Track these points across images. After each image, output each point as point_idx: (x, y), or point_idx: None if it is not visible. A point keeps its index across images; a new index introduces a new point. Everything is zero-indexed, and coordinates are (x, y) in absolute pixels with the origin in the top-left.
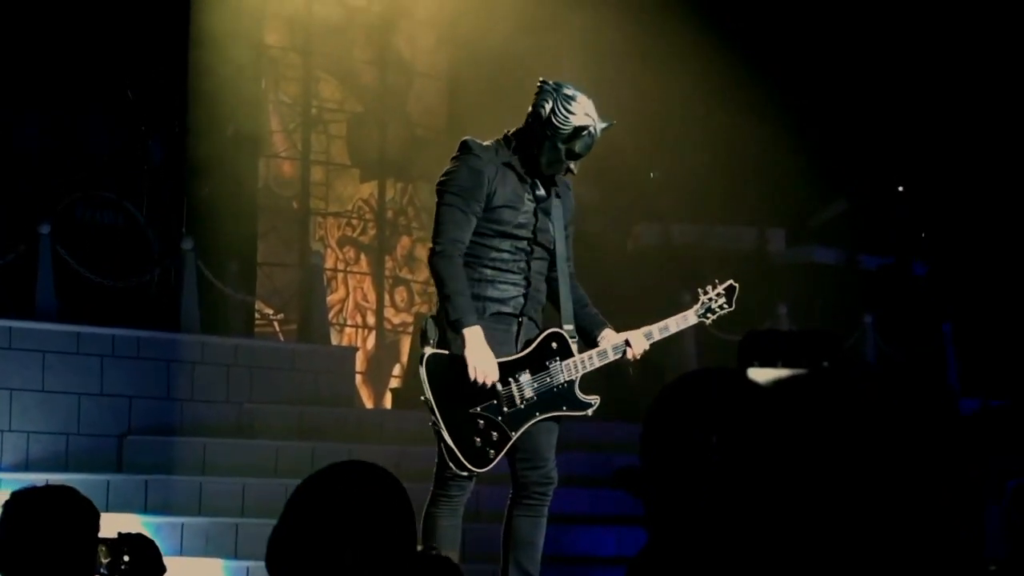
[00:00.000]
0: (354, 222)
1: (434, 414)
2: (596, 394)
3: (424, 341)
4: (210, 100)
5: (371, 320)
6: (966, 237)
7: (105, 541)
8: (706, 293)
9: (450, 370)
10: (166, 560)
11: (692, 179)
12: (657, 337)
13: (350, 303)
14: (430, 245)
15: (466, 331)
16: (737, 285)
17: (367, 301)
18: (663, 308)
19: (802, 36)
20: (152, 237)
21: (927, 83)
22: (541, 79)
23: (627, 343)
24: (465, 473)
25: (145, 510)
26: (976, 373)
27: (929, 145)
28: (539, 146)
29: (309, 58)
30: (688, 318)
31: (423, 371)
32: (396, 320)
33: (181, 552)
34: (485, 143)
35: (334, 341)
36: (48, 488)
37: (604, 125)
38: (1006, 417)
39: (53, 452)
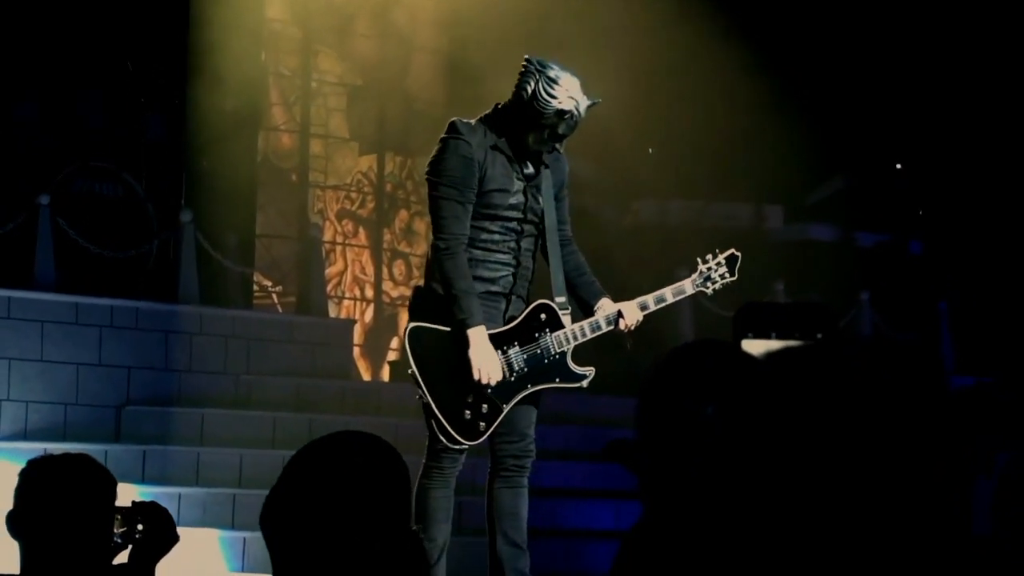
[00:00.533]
0: (353, 195)
1: (420, 387)
2: (590, 366)
3: (413, 312)
4: (210, 73)
5: (369, 293)
6: (963, 215)
7: (120, 510)
8: (706, 263)
9: (436, 343)
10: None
11: (690, 156)
12: (653, 307)
13: (348, 276)
14: (433, 241)
15: (471, 332)
16: (739, 254)
17: (365, 274)
18: (660, 285)
19: (800, 12)
20: (151, 209)
21: (925, 60)
22: (526, 57)
23: (620, 314)
24: (456, 446)
25: (143, 480)
26: (971, 351)
27: (927, 123)
28: (522, 126)
29: (309, 31)
30: (685, 288)
31: (407, 344)
32: (394, 293)
33: (178, 522)
34: (472, 122)
35: (332, 314)
36: (65, 456)
37: (589, 104)
38: (996, 393)
39: (51, 422)
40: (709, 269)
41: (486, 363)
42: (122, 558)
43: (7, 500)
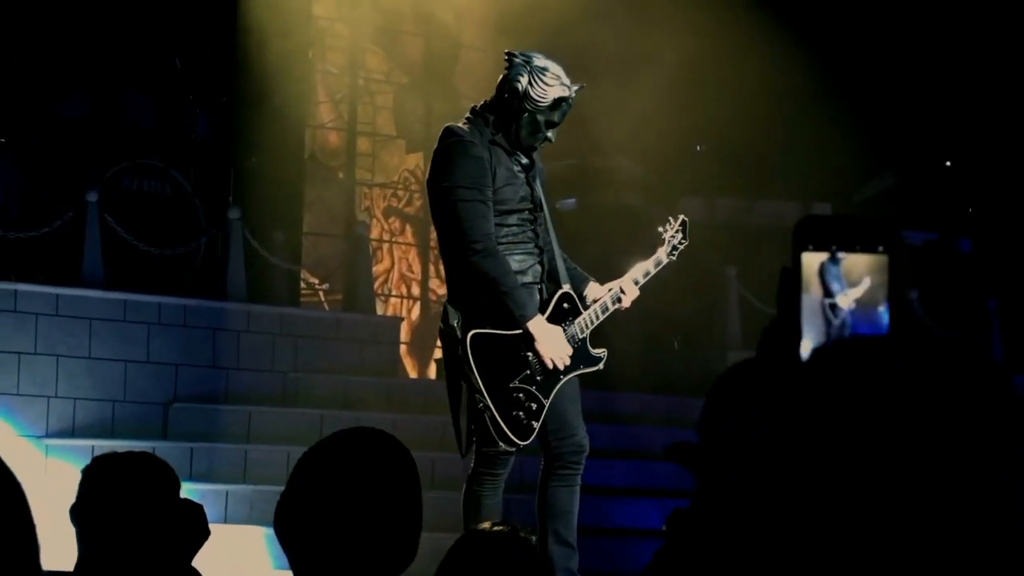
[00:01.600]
0: (400, 193)
1: (482, 395)
2: (603, 347)
3: (447, 325)
4: (257, 70)
5: (416, 291)
6: (1013, 213)
7: None
8: (667, 231)
9: (489, 349)
10: (210, 527)
11: (737, 153)
12: (643, 281)
13: (395, 273)
14: (463, 247)
15: (531, 324)
16: (687, 220)
17: (412, 272)
18: (707, 282)
19: (850, 7)
20: (199, 206)
21: (976, 57)
22: (508, 52)
23: (622, 290)
24: (513, 448)
25: (190, 477)
26: (1022, 350)
27: (976, 120)
28: (517, 120)
29: (356, 29)
30: (661, 258)
31: (469, 353)
32: (441, 291)
33: (225, 520)
34: (466, 126)
35: (379, 311)
36: (129, 454)
37: (577, 88)
38: None
39: (99, 419)
40: (671, 237)
41: (556, 349)
42: None
43: (59, 495)
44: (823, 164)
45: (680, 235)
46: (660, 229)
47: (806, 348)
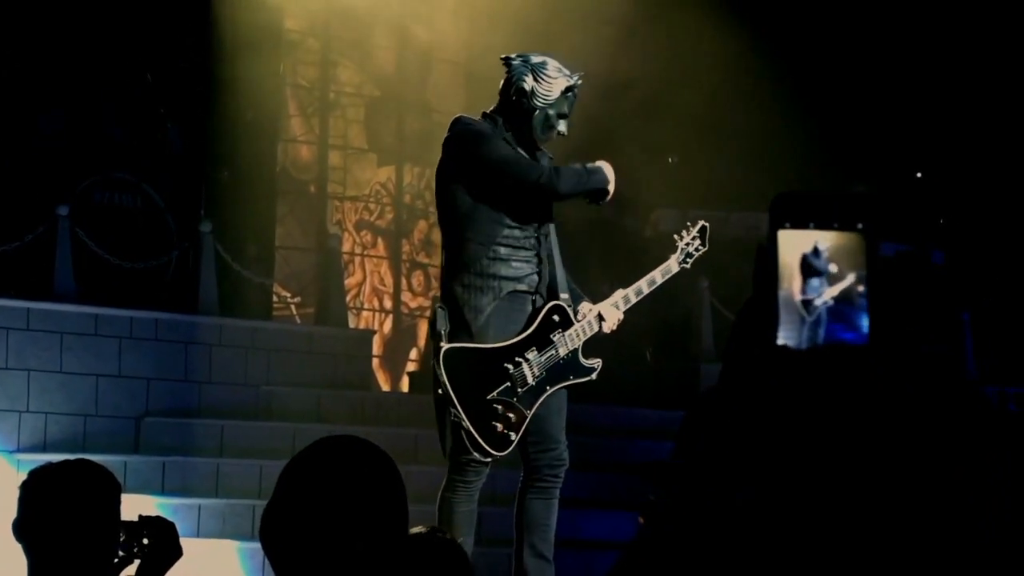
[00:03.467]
0: (371, 206)
1: (455, 407)
2: (598, 357)
3: (435, 331)
4: (229, 84)
5: (388, 304)
6: (985, 224)
7: (125, 524)
8: (682, 239)
9: (465, 361)
10: (183, 541)
11: (710, 165)
12: (634, 300)
13: (367, 287)
14: (533, 183)
15: (602, 165)
16: (708, 225)
17: (384, 285)
18: (681, 294)
19: (819, 21)
20: (170, 220)
21: (946, 67)
22: (503, 56)
23: (601, 317)
24: (488, 459)
25: (163, 491)
26: (995, 362)
27: (948, 131)
28: (529, 120)
29: (327, 42)
30: (671, 267)
31: (442, 367)
32: (413, 304)
33: (198, 534)
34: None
35: (351, 325)
36: (65, 463)
37: (578, 75)
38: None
39: (71, 433)
40: (687, 244)
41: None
42: (128, 572)
43: None
44: (796, 176)
45: (698, 241)
46: (676, 236)
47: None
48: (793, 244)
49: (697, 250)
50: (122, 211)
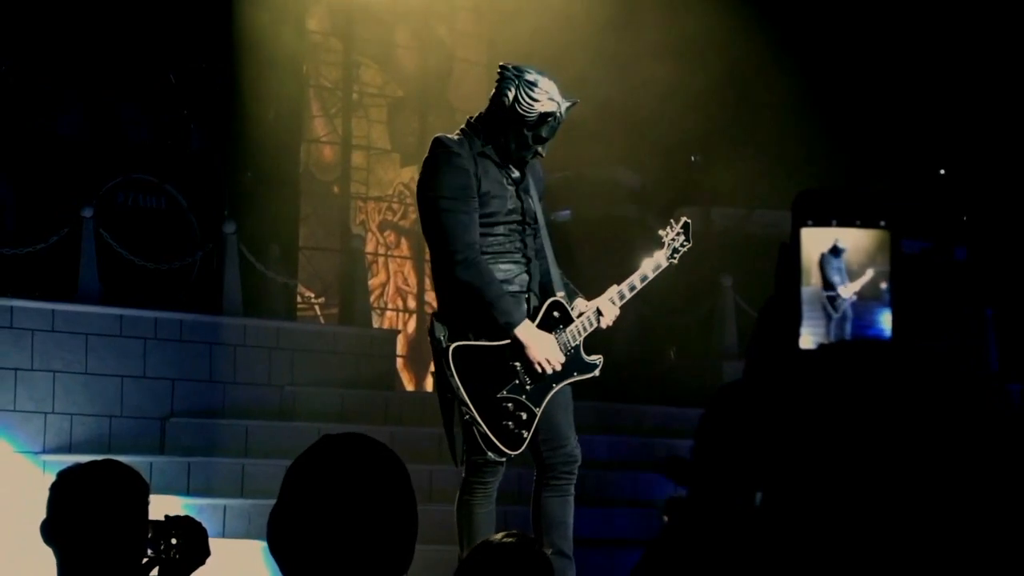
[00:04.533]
0: (395, 206)
1: (467, 406)
2: (599, 354)
3: (435, 338)
4: (252, 85)
5: (412, 304)
6: (1008, 221)
7: (153, 524)
8: (667, 235)
9: (473, 358)
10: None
11: (733, 163)
12: (629, 295)
13: (391, 287)
14: (446, 257)
15: (518, 331)
16: (690, 221)
17: (408, 285)
18: (704, 292)
19: (844, 18)
20: (194, 221)
21: (969, 65)
22: (501, 64)
23: (599, 312)
24: (502, 458)
25: (188, 492)
26: (1018, 359)
27: (971, 128)
28: (505, 133)
29: (350, 43)
30: (660, 262)
31: (451, 365)
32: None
33: (223, 534)
34: (456, 137)
35: (375, 324)
36: (93, 463)
37: (568, 104)
38: None
39: (96, 434)
40: (673, 240)
41: (547, 352)
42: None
43: None
44: (820, 174)
45: (682, 237)
46: (660, 233)
47: (805, 340)
48: (817, 241)
49: (683, 245)
50: (146, 212)
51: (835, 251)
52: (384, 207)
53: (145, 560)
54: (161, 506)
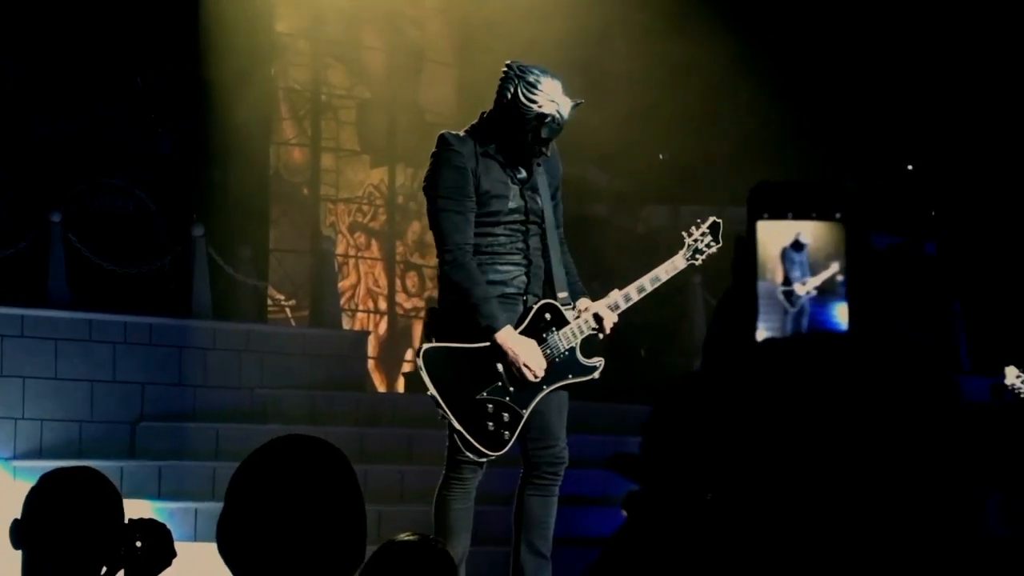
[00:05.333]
0: (364, 208)
1: (441, 407)
2: (599, 357)
3: (429, 333)
4: (220, 87)
5: (383, 305)
6: (976, 216)
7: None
8: (691, 235)
9: (450, 360)
10: (179, 545)
11: (701, 160)
12: (636, 297)
13: (362, 288)
14: (438, 254)
15: (499, 336)
16: (720, 221)
17: (378, 286)
18: (673, 289)
19: (810, 16)
20: (163, 224)
21: (936, 61)
22: (507, 62)
23: (598, 318)
24: (482, 459)
25: (159, 496)
26: (987, 352)
27: (939, 124)
28: (507, 132)
29: (318, 44)
30: (677, 263)
31: (422, 366)
32: (407, 305)
33: (195, 538)
34: (461, 134)
35: (346, 326)
36: (68, 469)
37: (572, 105)
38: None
39: (66, 439)
40: (696, 240)
41: (528, 358)
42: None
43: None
44: (787, 170)
45: (708, 237)
46: (684, 233)
47: (761, 335)
48: (775, 235)
49: (708, 246)
50: (115, 216)
51: (797, 246)
52: (354, 209)
53: (106, 567)
54: (132, 510)
